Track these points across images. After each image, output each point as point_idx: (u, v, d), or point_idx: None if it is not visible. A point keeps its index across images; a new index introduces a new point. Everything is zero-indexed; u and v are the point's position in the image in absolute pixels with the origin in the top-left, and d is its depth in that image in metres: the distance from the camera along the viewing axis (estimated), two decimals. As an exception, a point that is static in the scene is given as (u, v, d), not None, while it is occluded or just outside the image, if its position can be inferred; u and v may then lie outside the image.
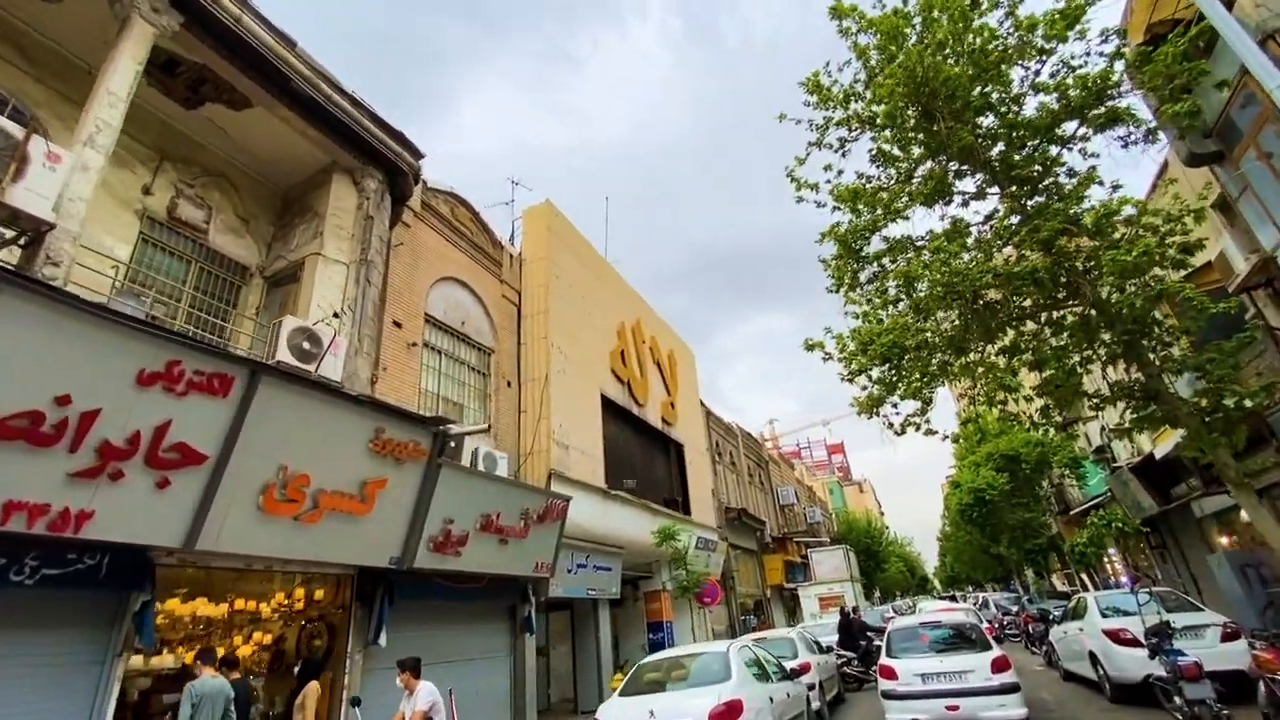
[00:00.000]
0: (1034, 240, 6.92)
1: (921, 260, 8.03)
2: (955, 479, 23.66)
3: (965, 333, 8.56)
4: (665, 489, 17.06)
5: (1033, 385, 9.63)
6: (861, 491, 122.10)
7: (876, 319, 8.51)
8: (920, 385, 8.77)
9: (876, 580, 41.86)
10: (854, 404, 10.01)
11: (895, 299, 8.40)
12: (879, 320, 8.49)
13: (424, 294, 10.22)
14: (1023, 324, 9.29)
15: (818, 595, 23.55)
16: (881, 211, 8.54)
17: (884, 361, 8.06)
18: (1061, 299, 8.16)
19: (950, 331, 8.04)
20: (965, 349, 8.36)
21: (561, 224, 13.97)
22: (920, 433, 8.92)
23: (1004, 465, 20.59)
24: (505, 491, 9.16)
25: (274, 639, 7.99)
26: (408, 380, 9.38)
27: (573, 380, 12.69)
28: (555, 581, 10.89)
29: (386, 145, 8.82)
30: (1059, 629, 10.84)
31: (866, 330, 8.26)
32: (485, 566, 8.69)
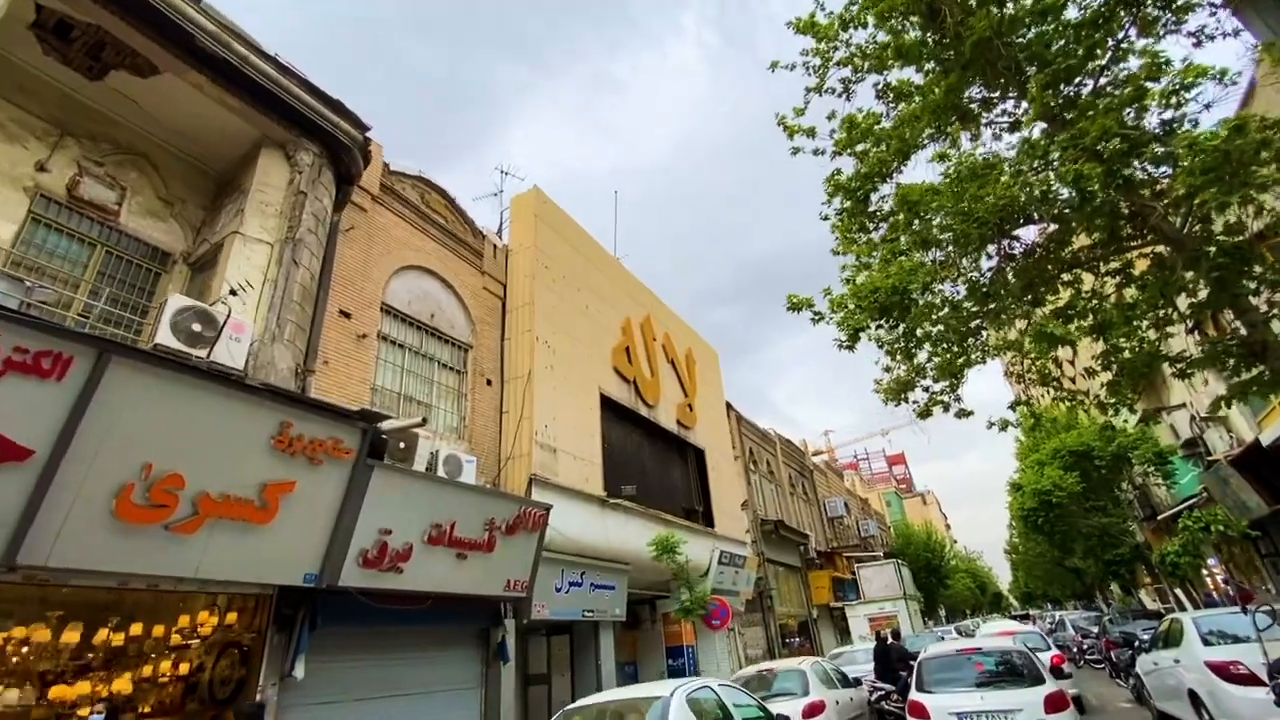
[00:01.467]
0: (1079, 149, 5.28)
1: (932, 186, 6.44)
2: (1016, 481, 21.00)
3: (998, 283, 6.92)
4: (683, 498, 15.60)
5: (1095, 355, 7.85)
6: (925, 504, 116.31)
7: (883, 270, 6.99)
8: (950, 356, 7.16)
9: (939, 598, 38.62)
10: (878, 389, 8.46)
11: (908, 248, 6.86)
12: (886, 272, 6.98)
13: (382, 283, 9.29)
14: (1076, 279, 7.56)
15: (867, 615, 21.40)
16: (890, 147, 7.00)
17: (883, 314, 6.46)
18: (1125, 236, 6.44)
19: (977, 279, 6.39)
20: (1000, 306, 6.70)
21: (552, 212, 12.94)
22: (950, 413, 7.29)
23: (1073, 463, 17.99)
24: (464, 498, 8.01)
25: (187, 671, 7.01)
26: (356, 375, 8.41)
27: (564, 378, 11.53)
28: (540, 602, 9.64)
29: (321, 115, 7.96)
30: (1148, 658, 8.78)
31: (867, 281, 6.69)
32: (438, 585, 7.52)
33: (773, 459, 27.09)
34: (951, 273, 6.46)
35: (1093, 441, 17.29)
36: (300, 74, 7.77)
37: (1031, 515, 19.09)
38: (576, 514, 10.73)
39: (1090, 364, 7.75)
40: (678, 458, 16.04)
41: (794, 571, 24.78)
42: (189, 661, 6.69)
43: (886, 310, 6.35)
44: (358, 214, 9.21)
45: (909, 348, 6.97)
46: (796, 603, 24.06)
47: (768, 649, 19.39)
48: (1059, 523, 18.62)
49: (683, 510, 15.29)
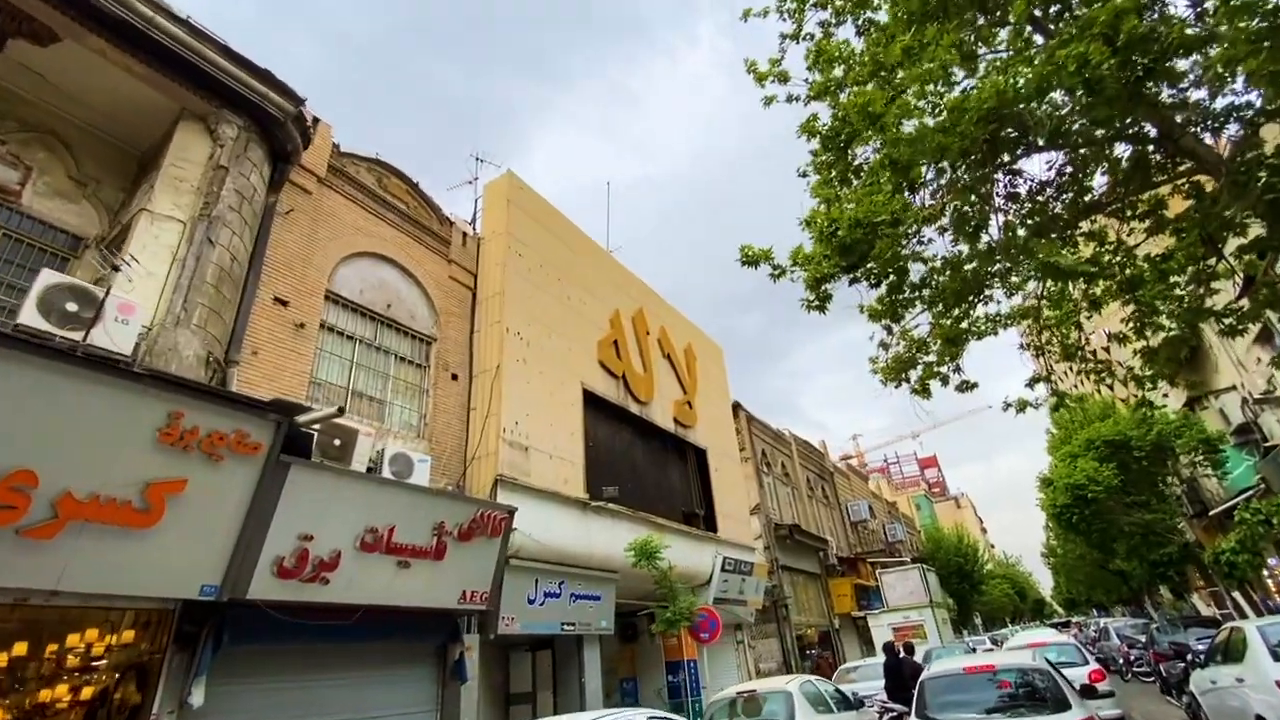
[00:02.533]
0: (1089, 36, 4.19)
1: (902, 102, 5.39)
2: (1047, 475, 19.43)
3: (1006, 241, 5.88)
4: (682, 501, 14.62)
5: (1125, 318, 6.74)
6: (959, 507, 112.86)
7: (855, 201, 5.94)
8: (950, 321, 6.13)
9: (973, 605, 36.65)
10: (874, 368, 7.47)
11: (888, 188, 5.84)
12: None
13: (328, 270, 8.60)
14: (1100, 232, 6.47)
15: (891, 625, 19.99)
16: (865, 69, 5.97)
17: (844, 254, 5.43)
18: (1152, 167, 5.37)
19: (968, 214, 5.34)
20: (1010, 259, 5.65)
21: (528, 198, 12.19)
22: (951, 387, 6.26)
23: (1109, 454, 16.43)
24: (407, 500, 7.21)
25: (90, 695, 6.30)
26: (292, 367, 7.69)
27: (540, 371, 10.71)
28: (509, 615, 8.78)
29: (245, 85, 7.31)
30: (1204, 674, 7.50)
31: (824, 214, 5.65)
32: (375, 597, 6.71)
33: (788, 461, 25.89)
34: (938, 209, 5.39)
35: (1130, 430, 15.74)
36: (218, 39, 7.13)
37: (1065, 512, 17.48)
38: (553, 518, 9.87)
39: (1121, 329, 6.64)
40: (676, 458, 15.07)
41: (813, 579, 23.49)
42: (90, 685, 5.98)
43: (849, 250, 5.33)
44: (301, 196, 8.56)
45: (895, 307, 5.96)
46: (816, 612, 22.76)
47: (783, 661, 18.19)
48: (1096, 520, 16.96)
49: (682, 514, 14.32)
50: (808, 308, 5.78)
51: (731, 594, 14.51)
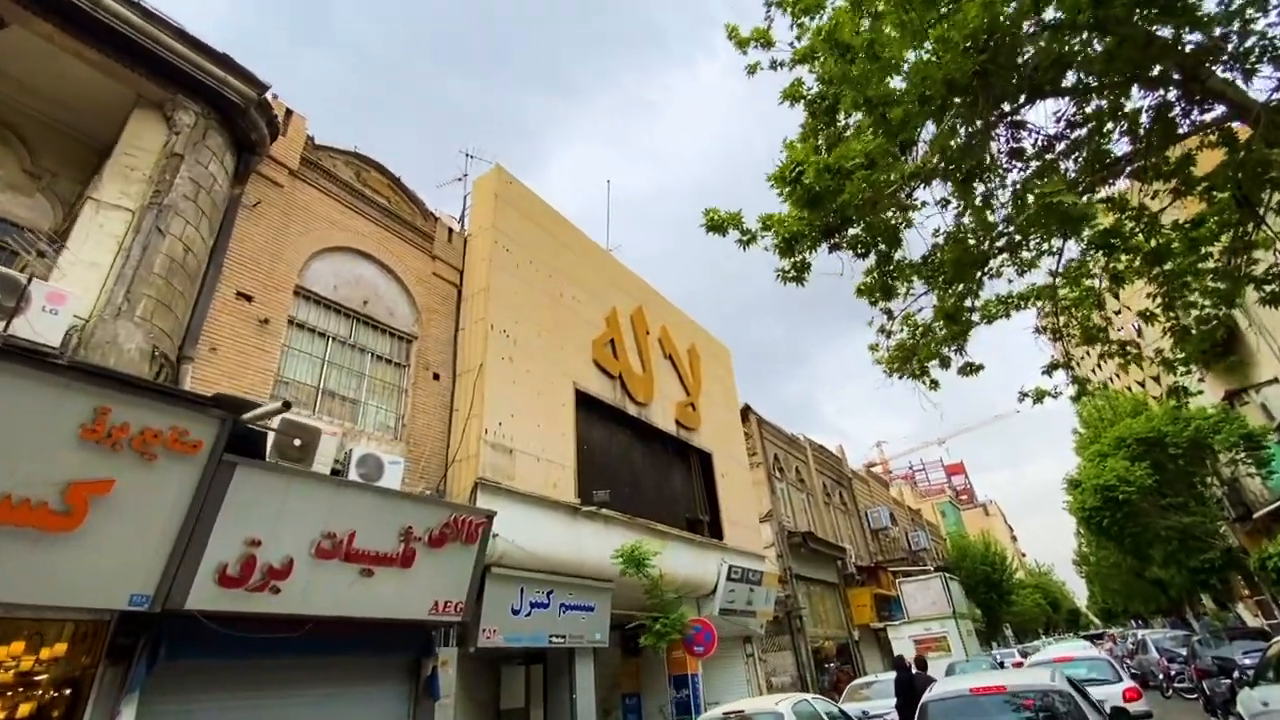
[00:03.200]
0: None
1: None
2: (1074, 476, 18.30)
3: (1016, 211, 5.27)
4: (685, 507, 14.01)
5: (1152, 293, 6.06)
6: (987, 514, 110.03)
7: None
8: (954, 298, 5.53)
9: (1001, 616, 35.19)
10: (875, 357, 6.89)
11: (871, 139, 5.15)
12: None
13: (298, 264, 8.25)
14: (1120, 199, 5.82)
15: (912, 637, 19.05)
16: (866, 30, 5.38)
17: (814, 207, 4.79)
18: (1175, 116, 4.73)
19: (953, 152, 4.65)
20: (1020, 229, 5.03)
21: (516, 192, 11.81)
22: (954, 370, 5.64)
23: (1141, 452, 15.35)
24: (370, 503, 6.76)
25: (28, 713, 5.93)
26: (255, 365, 7.33)
27: (527, 370, 10.25)
28: (490, 627, 8.27)
29: (202, 70, 7.01)
30: (1254, 695, 6.68)
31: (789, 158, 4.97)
32: (333, 608, 6.26)
33: (803, 466, 25.10)
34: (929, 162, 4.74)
35: (1164, 426, 14.67)
36: (173, 22, 6.85)
37: (1095, 516, 16.37)
38: (540, 524, 9.36)
39: (1147, 307, 5.96)
40: (679, 462, 14.48)
41: (830, 589, 22.61)
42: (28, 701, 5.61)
43: (817, 202, 4.69)
44: (270, 189, 8.24)
45: (886, 281, 5.35)
46: (834, 623, 21.87)
47: (798, 675, 17.39)
48: (1129, 524, 15.80)
49: (685, 521, 13.71)
50: (783, 279, 5.17)
51: (739, 604, 13.84)
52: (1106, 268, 6.14)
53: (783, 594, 18.44)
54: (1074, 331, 6.74)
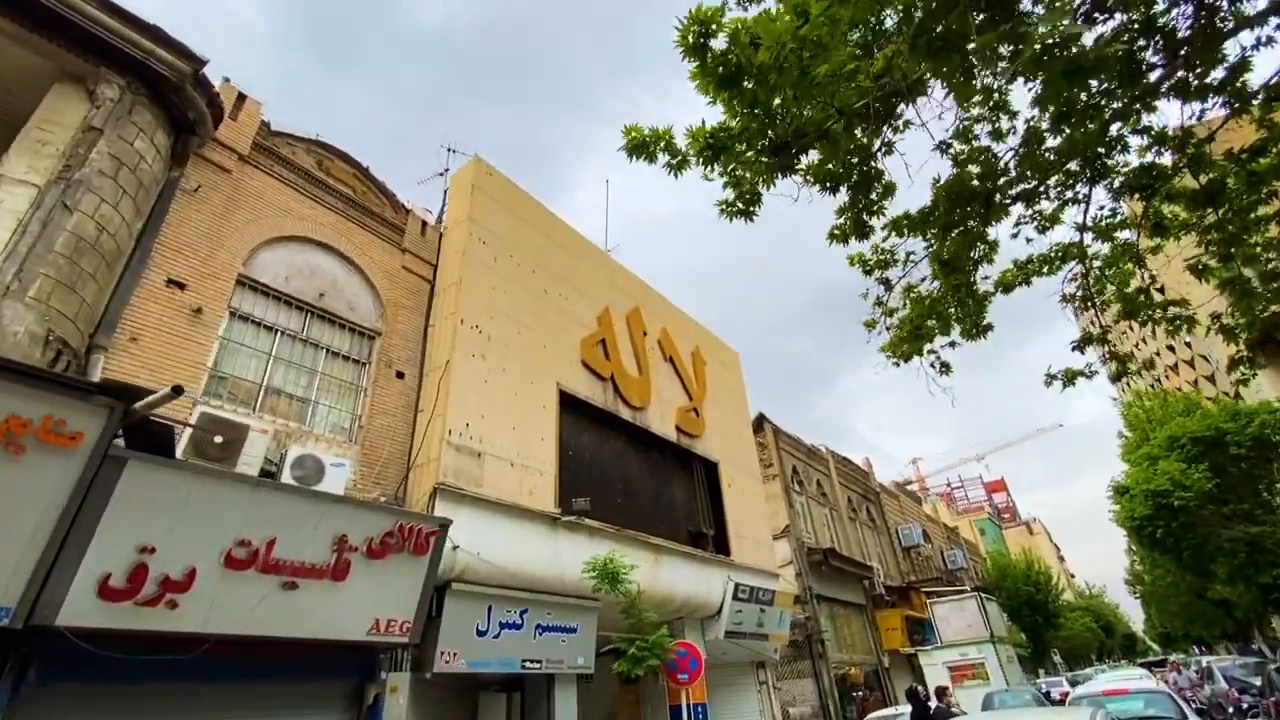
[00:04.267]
0: None
1: None
2: (1121, 483, 16.45)
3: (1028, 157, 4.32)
4: (686, 519, 12.99)
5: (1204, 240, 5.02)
6: (1031, 533, 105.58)
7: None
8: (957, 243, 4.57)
9: (1048, 641, 32.77)
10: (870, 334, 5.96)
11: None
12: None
13: (244, 253, 7.67)
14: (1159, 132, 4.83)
15: (946, 663, 17.47)
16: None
17: (730, 84, 3.73)
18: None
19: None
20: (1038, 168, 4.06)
21: (498, 185, 11.18)
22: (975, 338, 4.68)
23: (1197, 454, 13.66)
24: (299, 508, 6.00)
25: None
26: (184, 357, 6.70)
27: (502, 369, 9.49)
28: (449, 649, 7.40)
29: (127, 41, 6.52)
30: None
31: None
32: (247, 626, 5.47)
33: (824, 479, 23.77)
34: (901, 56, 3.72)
35: (1223, 423, 13.03)
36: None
37: (1146, 526, 14.59)
38: (513, 535, 8.52)
39: (1198, 258, 4.91)
40: (680, 471, 13.50)
41: (857, 610, 21.14)
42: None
43: (735, 80, 3.65)
44: (215, 173, 7.72)
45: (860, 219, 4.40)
46: (862, 648, 20.35)
47: (819, 705, 16.01)
48: (1187, 535, 13.99)
49: (687, 534, 12.69)
50: (728, 214, 4.25)
51: (748, 627, 12.69)
52: (1145, 216, 5.12)
53: (802, 616, 17.16)
54: (1109, 298, 5.69)
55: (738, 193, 4.04)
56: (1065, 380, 6.03)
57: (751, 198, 4.03)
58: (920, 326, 5.75)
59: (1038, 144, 4.85)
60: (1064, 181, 5.21)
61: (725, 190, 4.03)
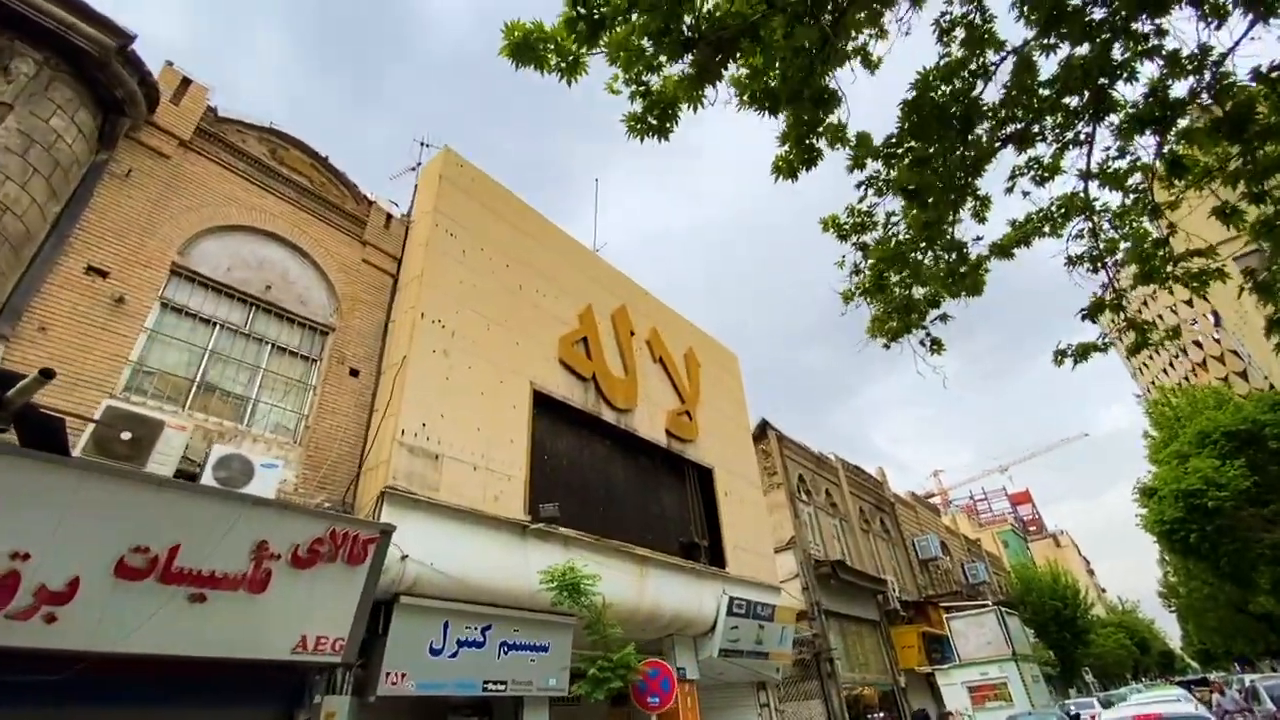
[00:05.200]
0: None
1: None
2: (1148, 484, 15.16)
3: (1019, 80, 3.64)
4: (678, 529, 12.22)
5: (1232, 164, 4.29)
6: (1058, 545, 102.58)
7: None
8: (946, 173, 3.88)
9: (1079, 659, 31.11)
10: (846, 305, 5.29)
11: None
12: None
13: (179, 241, 7.18)
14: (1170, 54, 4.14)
15: (965, 683, 16.34)
16: None
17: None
18: None
19: None
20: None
21: (469, 175, 10.67)
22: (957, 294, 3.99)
23: (1232, 450, 12.49)
24: (209, 511, 5.39)
25: None
26: (101, 350, 6.17)
27: (467, 366, 8.89)
28: (396, 670, 6.72)
29: (40, 11, 6.10)
30: None
31: None
32: (138, 643, 4.85)
33: (834, 488, 22.79)
34: None
35: (1260, 415, 11.87)
36: (4, -43, 5.97)
37: (1177, 530, 13.35)
38: (475, 544, 7.86)
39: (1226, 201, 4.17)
40: (671, 479, 12.75)
41: (870, 627, 20.04)
42: None
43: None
44: (151, 158, 7.27)
45: (804, 133, 3.69)
46: (875, 667, 19.23)
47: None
48: (1223, 539, 12.72)
49: (679, 545, 11.91)
50: (637, 132, 3.51)
51: (745, 644, 11.83)
52: (1159, 154, 4.39)
53: (809, 633, 16.20)
54: (1123, 259, 4.94)
55: (646, 104, 3.37)
56: (1077, 356, 5.27)
57: (665, 111, 3.36)
58: (884, 275, 5.00)
59: (1029, 75, 4.16)
60: (1063, 123, 4.52)
61: (633, 103, 3.37)
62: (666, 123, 3.35)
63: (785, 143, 3.80)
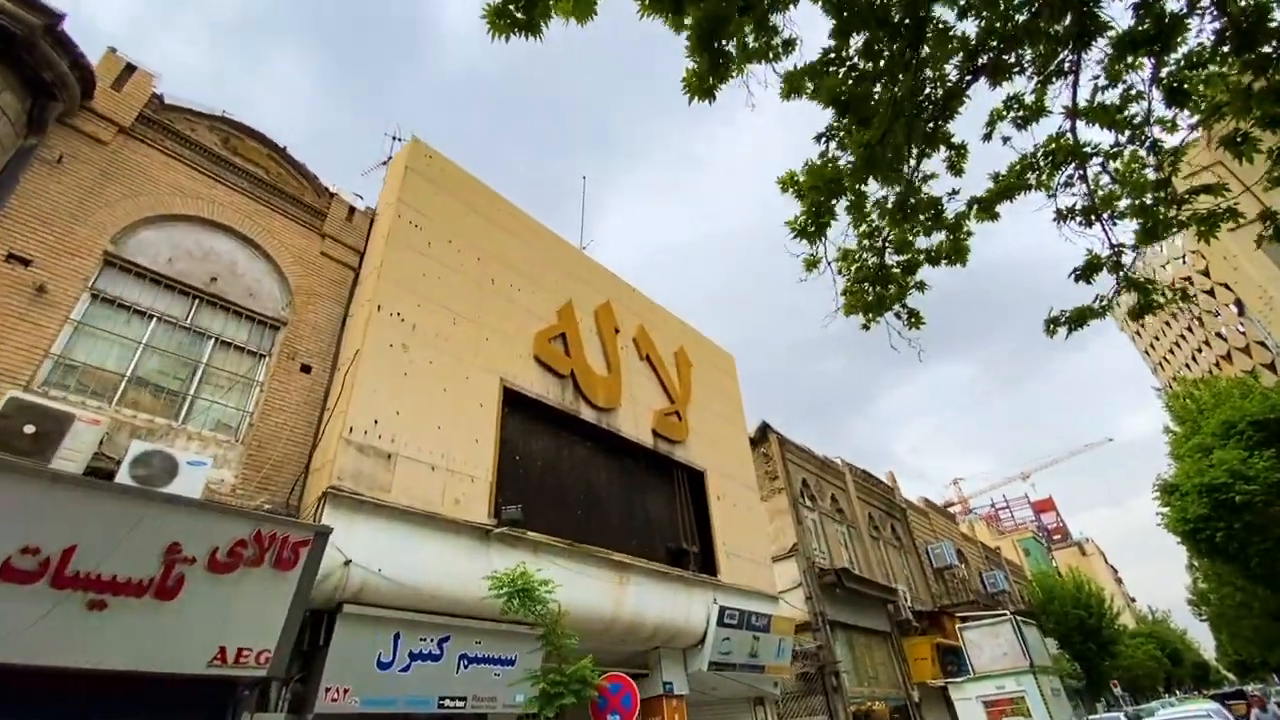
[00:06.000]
0: None
1: None
2: (1169, 480, 14.12)
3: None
4: (667, 534, 11.61)
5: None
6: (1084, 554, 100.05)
7: None
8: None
9: (1105, 671, 29.72)
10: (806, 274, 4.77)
11: None
12: None
13: (113, 229, 6.82)
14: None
15: (979, 697, 15.43)
16: None
17: None
18: None
19: None
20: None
21: (436, 166, 10.29)
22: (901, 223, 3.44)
23: (1260, 440, 11.50)
24: (112, 510, 4.94)
25: None
26: (17, 341, 5.79)
27: (428, 361, 8.43)
28: (338, 685, 6.20)
29: (-44, -16, 5.79)
30: None
31: None
32: (23, 654, 4.39)
33: (841, 493, 22.00)
34: None
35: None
36: (-86, -72, 5.68)
37: (1202, 529, 12.34)
38: (431, 549, 7.34)
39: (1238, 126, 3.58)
40: (658, 481, 12.16)
41: (880, 638, 19.16)
42: None
43: None
44: (87, 144, 6.94)
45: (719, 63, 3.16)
46: (887, 680, 18.35)
47: (835, 748, 14.17)
48: (1254, 538, 11.69)
49: (666, 552, 11.31)
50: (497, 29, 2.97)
51: (738, 657, 11.15)
52: (1156, 82, 3.81)
53: (813, 645, 15.43)
54: (1121, 210, 4.35)
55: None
56: (1071, 323, 4.68)
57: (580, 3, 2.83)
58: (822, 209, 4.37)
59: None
60: (1044, 54, 3.96)
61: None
62: (531, 19, 2.79)
63: (692, 54, 3.26)
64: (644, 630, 9.78)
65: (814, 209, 3.84)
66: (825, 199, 3.82)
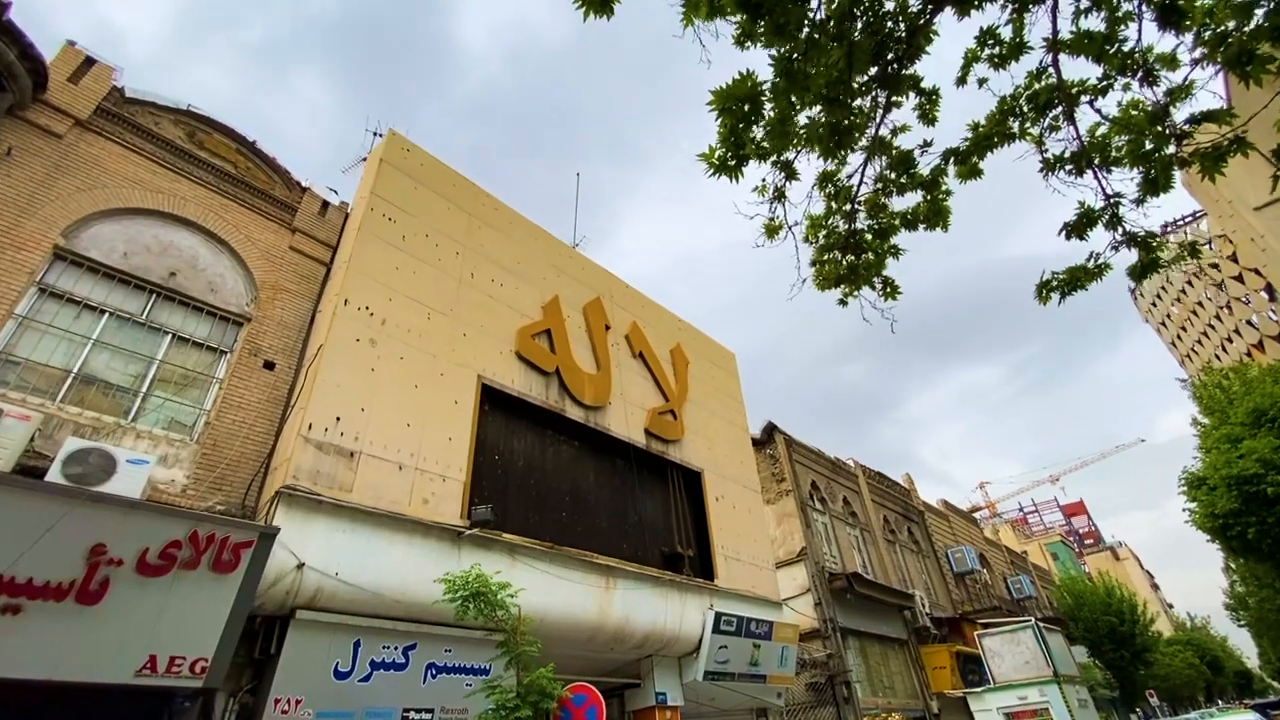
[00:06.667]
0: None
1: None
2: (1196, 473, 13.20)
3: None
4: (660, 538, 11.13)
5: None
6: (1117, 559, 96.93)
7: None
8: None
9: (1140, 680, 28.37)
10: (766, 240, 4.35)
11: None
12: None
13: (64, 223, 6.61)
14: None
15: (1001, 708, 14.63)
16: None
17: None
18: None
19: None
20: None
21: (414, 159, 10.02)
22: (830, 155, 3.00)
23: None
24: (29, 508, 4.65)
25: None
26: (-51, 336, 5.56)
27: (398, 356, 8.11)
28: (290, 695, 5.84)
29: (-108, -29, 5.64)
30: None
31: None
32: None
33: (854, 496, 21.29)
34: None
35: None
36: None
37: (1232, 524, 11.45)
38: (397, 552, 6.98)
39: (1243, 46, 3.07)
40: (652, 482, 11.70)
41: (896, 646, 18.41)
42: None
43: None
44: (39, 137, 6.76)
45: None
46: (903, 690, 17.57)
47: (846, 762, 13.50)
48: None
49: (660, 556, 10.84)
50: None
51: (736, 666, 10.61)
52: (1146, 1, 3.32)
53: (822, 653, 14.78)
54: (1116, 154, 3.85)
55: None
56: (1065, 287, 4.18)
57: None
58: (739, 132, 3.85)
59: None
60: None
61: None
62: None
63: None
64: (633, 637, 9.31)
65: (730, 135, 3.40)
66: (740, 122, 3.37)
